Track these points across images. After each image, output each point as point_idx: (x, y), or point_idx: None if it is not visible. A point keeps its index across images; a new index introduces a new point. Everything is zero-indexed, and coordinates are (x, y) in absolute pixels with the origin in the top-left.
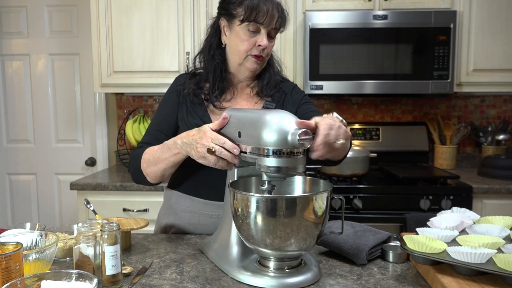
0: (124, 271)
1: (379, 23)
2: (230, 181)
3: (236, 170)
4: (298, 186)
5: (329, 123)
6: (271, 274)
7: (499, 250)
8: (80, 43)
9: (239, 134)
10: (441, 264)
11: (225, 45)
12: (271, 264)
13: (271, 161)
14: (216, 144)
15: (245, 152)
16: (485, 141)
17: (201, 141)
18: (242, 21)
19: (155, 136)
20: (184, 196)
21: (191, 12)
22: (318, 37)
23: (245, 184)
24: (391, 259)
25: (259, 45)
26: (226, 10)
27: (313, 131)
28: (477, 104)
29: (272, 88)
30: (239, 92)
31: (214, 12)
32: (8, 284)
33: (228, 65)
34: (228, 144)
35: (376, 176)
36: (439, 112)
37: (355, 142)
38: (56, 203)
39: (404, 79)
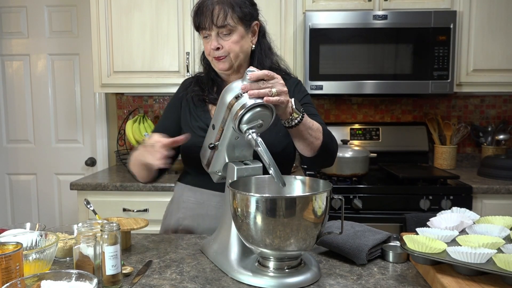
0: (124, 271)
1: (379, 23)
2: (230, 181)
3: (236, 170)
4: (297, 186)
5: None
6: (271, 274)
7: (499, 250)
8: (80, 43)
9: (213, 127)
10: (441, 264)
11: None
12: (271, 264)
13: (238, 105)
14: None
15: (222, 128)
16: (485, 141)
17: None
18: (197, 30)
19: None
20: (190, 188)
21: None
22: (318, 37)
23: (245, 184)
24: (391, 259)
25: (211, 49)
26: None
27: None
28: (477, 104)
29: None
30: None
31: None
32: (8, 284)
33: None
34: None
35: (376, 176)
36: (439, 112)
37: (355, 142)
38: (56, 203)
39: (404, 79)
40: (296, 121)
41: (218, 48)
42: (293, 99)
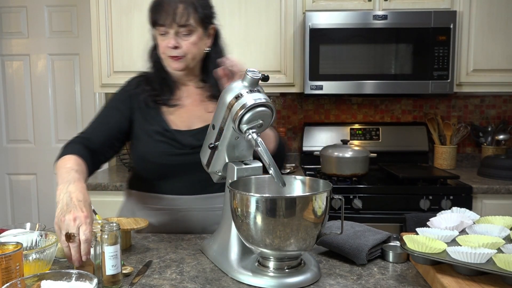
0: (124, 271)
1: (379, 23)
2: (230, 181)
3: (236, 170)
4: (297, 186)
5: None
6: (271, 274)
7: (499, 250)
8: (80, 43)
9: (213, 127)
10: (441, 264)
11: None
12: (271, 264)
13: (238, 105)
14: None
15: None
16: (485, 141)
17: (73, 215)
18: (153, 26)
19: (97, 131)
20: (148, 195)
21: None
22: (318, 37)
23: (245, 184)
24: (391, 259)
25: (168, 47)
26: (148, 20)
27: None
28: (477, 104)
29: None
30: (190, 93)
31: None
32: (8, 284)
33: None
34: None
35: (376, 176)
36: (439, 112)
37: (355, 142)
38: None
39: (404, 79)
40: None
41: (176, 47)
42: None
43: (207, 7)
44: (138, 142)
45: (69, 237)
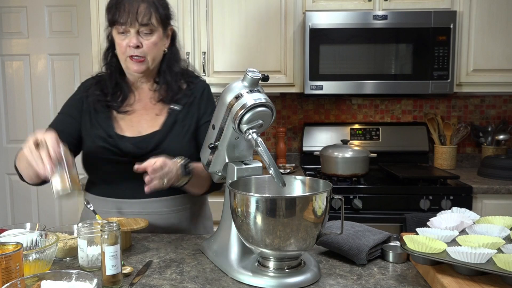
0: (124, 271)
1: (379, 23)
2: (230, 181)
3: (236, 170)
4: (297, 186)
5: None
6: (271, 274)
7: (499, 250)
8: (80, 43)
9: (213, 127)
10: (441, 264)
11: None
12: (271, 264)
13: (238, 105)
14: (43, 141)
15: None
16: (485, 141)
17: (34, 135)
18: (111, 25)
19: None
20: (101, 199)
21: (191, 12)
22: (318, 37)
23: (245, 184)
24: (391, 259)
25: (130, 46)
26: (106, 18)
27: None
28: (477, 104)
29: (175, 94)
30: (142, 97)
31: (214, 12)
32: (8, 284)
33: None
34: (51, 145)
35: (376, 176)
36: (439, 112)
37: (355, 142)
38: (56, 203)
39: (404, 79)
40: (183, 183)
41: (137, 47)
42: (182, 163)
43: (167, 8)
44: (83, 146)
45: (37, 144)
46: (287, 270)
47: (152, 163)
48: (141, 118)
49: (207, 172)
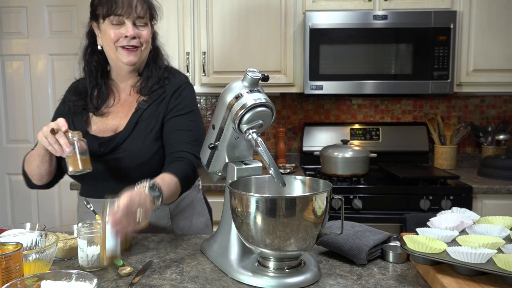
0: (124, 271)
1: (379, 23)
2: (230, 181)
3: (236, 170)
4: (297, 186)
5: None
6: (271, 274)
7: (499, 250)
8: (80, 43)
9: (213, 127)
10: (441, 264)
11: (102, 47)
12: (271, 264)
13: (238, 105)
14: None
15: (222, 128)
16: (485, 141)
17: (48, 125)
18: (104, 18)
19: None
20: (80, 198)
21: (191, 12)
22: (318, 37)
23: (245, 184)
24: (391, 259)
25: (126, 36)
26: (92, 13)
27: None
28: (477, 104)
29: (155, 84)
30: (122, 95)
31: (214, 12)
32: (8, 284)
33: (109, 69)
34: (65, 130)
35: (376, 176)
36: (439, 112)
37: (355, 142)
38: (56, 203)
39: (404, 79)
40: (159, 202)
41: (134, 38)
42: (148, 186)
43: (156, 6)
44: None
45: (53, 131)
46: (287, 270)
47: (113, 214)
48: (116, 117)
49: (173, 180)
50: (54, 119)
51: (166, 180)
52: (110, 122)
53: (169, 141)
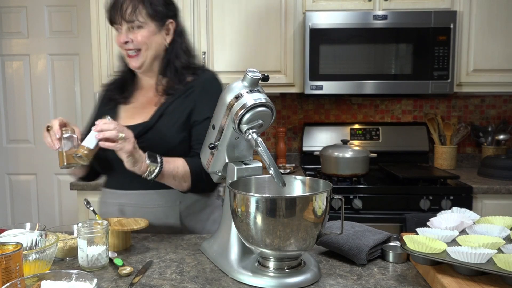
0: (124, 271)
1: (379, 23)
2: (230, 181)
3: (236, 170)
4: (297, 186)
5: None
6: (271, 274)
7: (499, 250)
8: (80, 43)
9: (213, 127)
10: (441, 264)
11: None
12: (271, 264)
13: (238, 105)
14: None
15: (222, 128)
16: (485, 141)
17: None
18: (111, 26)
19: None
20: (104, 190)
21: (191, 12)
22: (318, 37)
23: (245, 184)
24: (391, 259)
25: (121, 42)
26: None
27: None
28: (477, 104)
29: (175, 84)
30: (148, 92)
31: (214, 12)
32: (8, 284)
33: None
34: (54, 128)
35: (376, 176)
36: (439, 112)
37: (355, 142)
38: (56, 203)
39: (404, 79)
40: (155, 173)
41: (126, 42)
42: (146, 154)
43: (159, 4)
44: None
45: (47, 128)
46: (287, 270)
47: (103, 122)
48: (143, 111)
49: (185, 168)
50: (95, 107)
51: (178, 162)
52: (136, 115)
53: (196, 137)
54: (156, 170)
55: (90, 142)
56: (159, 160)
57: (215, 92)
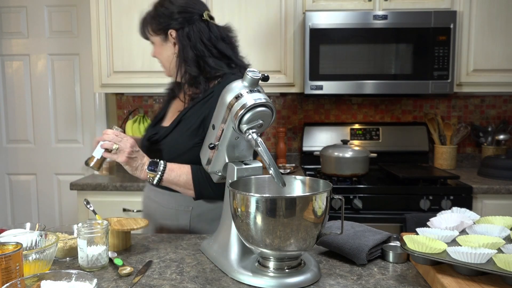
0: (124, 271)
1: (379, 23)
2: (230, 181)
3: (236, 170)
4: (297, 186)
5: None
6: (271, 274)
7: (499, 250)
8: (80, 43)
9: (213, 127)
10: (441, 264)
11: None
12: (271, 264)
13: (238, 105)
14: None
15: (222, 128)
16: (485, 141)
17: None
18: None
19: None
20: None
21: None
22: (318, 37)
23: (245, 184)
24: (391, 259)
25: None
26: None
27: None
28: (477, 104)
29: (193, 88)
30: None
31: (214, 12)
32: (8, 284)
33: None
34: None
35: (376, 176)
36: (439, 112)
37: (355, 142)
38: (56, 203)
39: (404, 79)
40: (155, 181)
41: (155, 56)
42: (149, 161)
43: (161, 16)
44: None
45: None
46: (287, 270)
47: (105, 132)
48: (172, 116)
49: (188, 177)
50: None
51: (183, 170)
52: (168, 119)
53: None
54: (156, 178)
55: (97, 152)
56: (160, 168)
57: None
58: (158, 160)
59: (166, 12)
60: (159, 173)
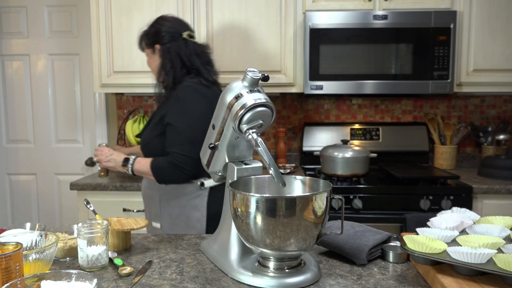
0: (124, 271)
1: (379, 23)
2: (230, 181)
3: (236, 170)
4: (297, 186)
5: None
6: (271, 274)
7: (499, 250)
8: (80, 43)
9: (213, 127)
10: (441, 264)
11: None
12: (271, 264)
13: (238, 105)
14: None
15: (222, 128)
16: (485, 141)
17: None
18: None
19: None
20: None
21: (191, 13)
22: (318, 37)
23: (245, 184)
24: (391, 259)
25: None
26: None
27: None
28: (477, 104)
29: (166, 91)
30: None
31: (214, 12)
32: (8, 284)
33: None
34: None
35: (376, 176)
36: (439, 112)
37: (355, 142)
38: (56, 203)
39: (404, 79)
40: (129, 171)
41: (148, 65)
42: (123, 158)
43: (150, 33)
44: None
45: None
46: (287, 270)
47: (95, 149)
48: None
49: (146, 167)
50: None
51: (143, 162)
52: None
53: (166, 138)
54: (129, 171)
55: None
56: (130, 162)
57: (182, 99)
58: (130, 156)
59: (155, 30)
60: (130, 166)
